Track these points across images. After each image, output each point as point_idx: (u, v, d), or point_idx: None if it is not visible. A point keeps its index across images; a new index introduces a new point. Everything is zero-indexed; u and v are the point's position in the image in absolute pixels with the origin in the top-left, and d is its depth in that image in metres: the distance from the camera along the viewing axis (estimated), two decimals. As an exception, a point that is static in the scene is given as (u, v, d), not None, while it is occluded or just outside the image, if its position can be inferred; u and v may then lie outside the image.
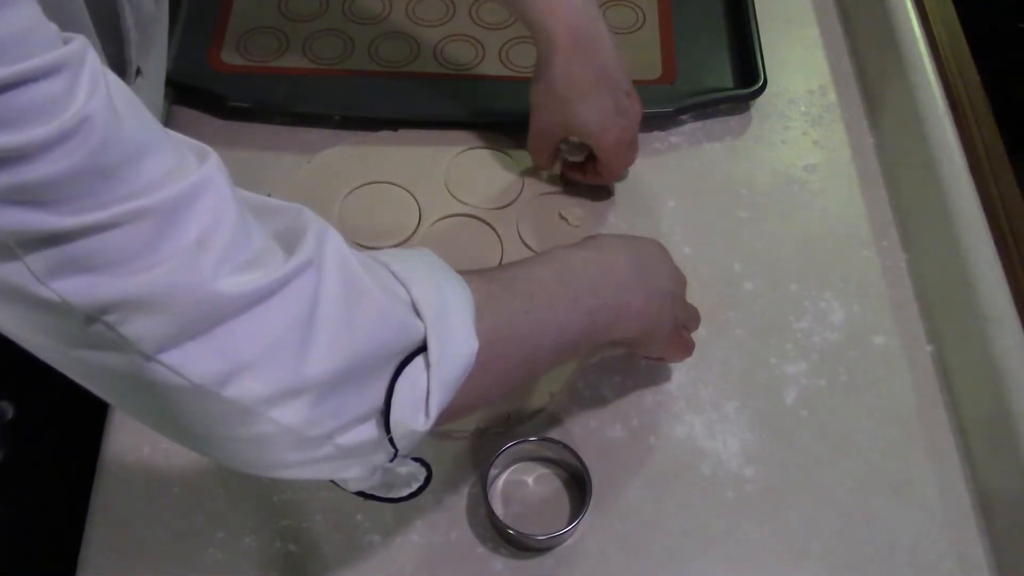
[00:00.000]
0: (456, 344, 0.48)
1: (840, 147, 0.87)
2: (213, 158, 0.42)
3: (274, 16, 0.92)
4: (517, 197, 0.82)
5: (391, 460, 0.48)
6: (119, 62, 0.54)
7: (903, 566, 0.66)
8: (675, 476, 0.69)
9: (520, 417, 0.71)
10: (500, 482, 0.68)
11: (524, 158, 0.84)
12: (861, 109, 0.90)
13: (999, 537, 0.67)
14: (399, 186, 0.82)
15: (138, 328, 0.38)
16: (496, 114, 0.86)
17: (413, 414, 0.46)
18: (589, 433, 0.70)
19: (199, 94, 0.86)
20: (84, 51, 0.37)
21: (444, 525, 0.67)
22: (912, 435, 0.72)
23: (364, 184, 0.82)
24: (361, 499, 0.67)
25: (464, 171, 0.83)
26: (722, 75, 0.89)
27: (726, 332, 0.76)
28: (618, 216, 0.82)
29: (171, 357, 0.39)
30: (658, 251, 0.67)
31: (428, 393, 0.46)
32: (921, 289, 0.78)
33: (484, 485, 0.66)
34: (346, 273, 0.44)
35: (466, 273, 0.52)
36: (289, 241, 0.43)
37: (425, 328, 0.46)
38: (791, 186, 0.84)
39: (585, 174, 0.81)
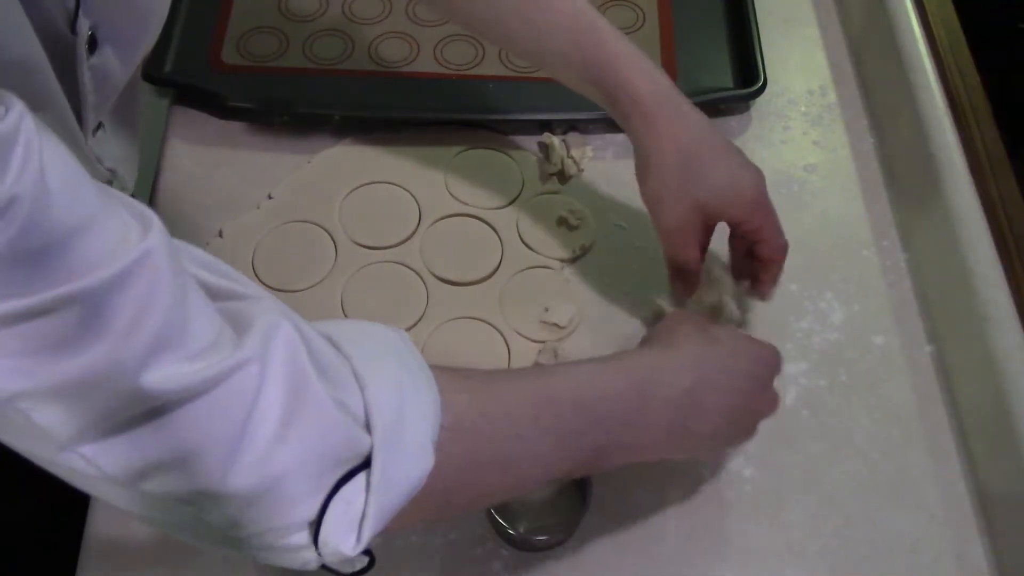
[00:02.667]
0: (404, 464, 0.43)
1: (840, 147, 0.87)
2: (155, 229, 0.38)
3: (274, 16, 0.92)
4: (517, 197, 0.82)
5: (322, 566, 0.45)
6: (76, 120, 0.53)
7: (903, 566, 0.66)
8: (675, 476, 0.69)
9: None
10: (500, 482, 0.68)
11: (524, 158, 0.84)
12: (861, 109, 0.90)
13: (999, 537, 0.67)
14: (399, 186, 0.82)
15: (50, 418, 0.36)
16: (496, 114, 0.85)
17: (344, 536, 0.42)
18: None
19: (199, 94, 0.86)
20: (18, 123, 0.34)
21: (444, 525, 0.66)
22: (912, 435, 0.72)
23: (364, 184, 0.82)
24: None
25: (464, 171, 0.83)
26: (722, 75, 0.89)
27: (726, 332, 0.76)
28: (618, 216, 0.82)
29: (85, 449, 0.37)
30: (728, 381, 0.57)
31: (363, 516, 0.42)
32: (921, 289, 0.78)
33: (484, 485, 0.65)
34: (294, 375, 0.40)
35: (460, 376, 0.48)
36: (238, 329, 0.40)
37: (372, 445, 0.42)
38: (791, 186, 0.84)
39: (753, 281, 0.71)
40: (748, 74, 0.88)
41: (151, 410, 0.37)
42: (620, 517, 0.67)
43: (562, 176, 0.83)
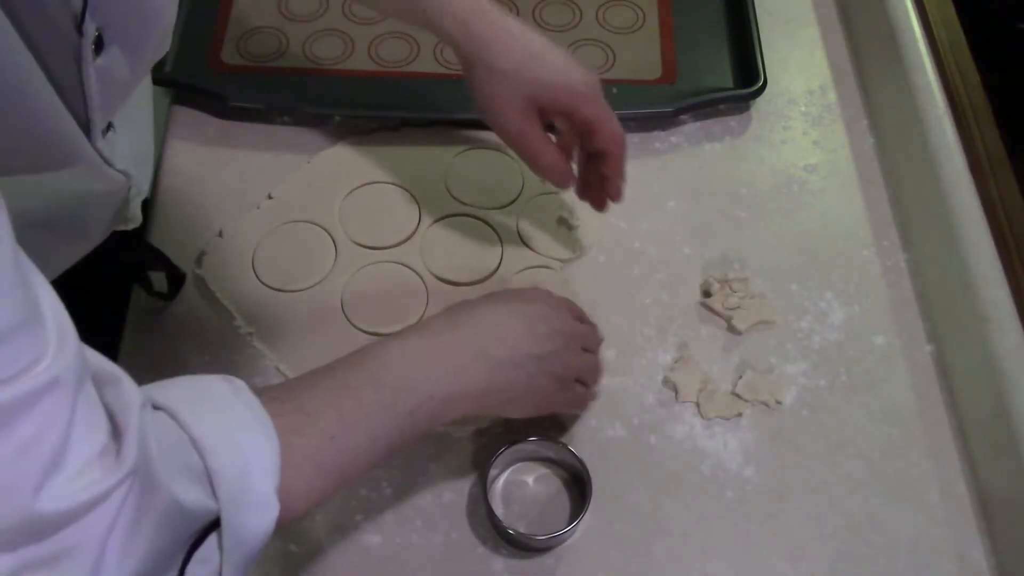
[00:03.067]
0: (255, 518, 0.46)
1: (840, 147, 0.87)
2: (70, 346, 0.39)
3: (274, 16, 0.92)
4: (517, 197, 0.82)
5: None
6: (83, 119, 0.53)
7: (903, 566, 0.66)
8: (675, 476, 0.69)
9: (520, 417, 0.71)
10: (500, 482, 0.68)
11: (524, 158, 0.84)
12: (861, 109, 0.90)
13: (999, 537, 0.67)
14: (399, 186, 0.82)
15: None
16: (496, 114, 0.85)
17: None
18: (589, 433, 0.70)
19: (199, 94, 0.86)
20: None
21: (444, 525, 0.67)
22: (912, 435, 0.72)
23: (364, 184, 0.82)
24: (360, 499, 0.67)
25: (464, 171, 0.83)
26: (722, 75, 0.89)
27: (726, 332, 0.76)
28: (618, 216, 0.82)
29: None
30: (509, 313, 0.62)
31: (220, 572, 0.45)
32: (921, 289, 0.78)
33: (484, 485, 0.66)
34: (147, 472, 0.41)
35: (270, 399, 0.50)
36: (115, 422, 0.42)
37: (219, 508, 0.44)
38: (791, 186, 0.84)
39: (589, 180, 0.74)
40: (748, 74, 0.88)
41: (40, 532, 0.38)
42: (620, 517, 0.67)
43: (562, 176, 0.83)
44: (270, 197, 0.81)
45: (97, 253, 0.65)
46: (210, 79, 0.86)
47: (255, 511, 0.46)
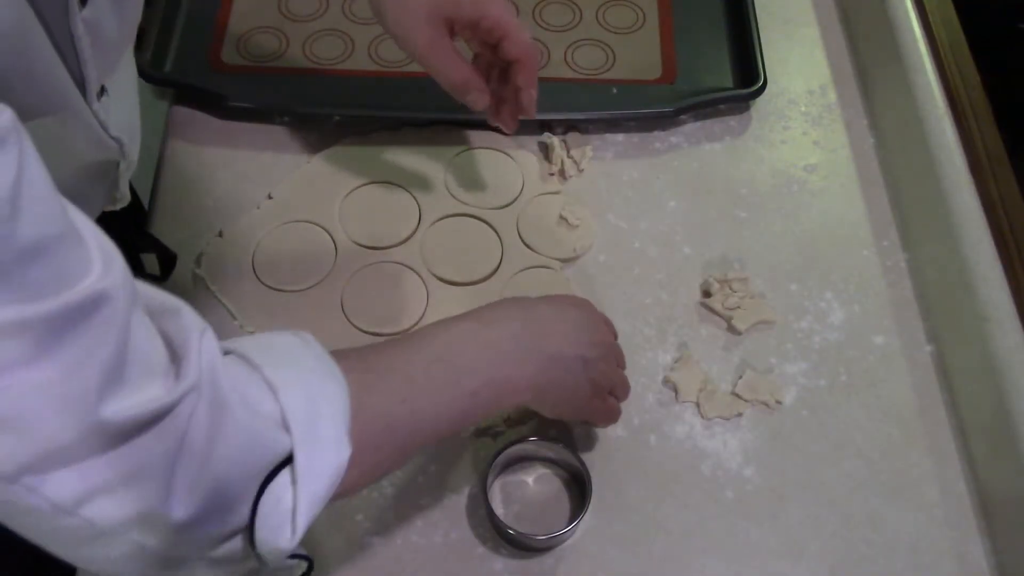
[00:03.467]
0: (326, 456, 0.46)
1: (840, 147, 0.87)
2: (117, 267, 0.38)
3: (274, 16, 0.92)
4: (517, 197, 0.82)
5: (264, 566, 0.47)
6: (77, 75, 0.53)
7: (903, 566, 0.66)
8: (675, 476, 0.69)
9: (520, 417, 0.71)
10: (500, 482, 0.68)
11: (524, 158, 0.84)
12: (861, 109, 0.90)
13: (999, 537, 0.67)
14: (399, 186, 0.82)
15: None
16: (496, 114, 0.85)
17: (279, 531, 0.45)
18: (589, 433, 0.70)
19: (199, 94, 0.86)
20: (5, 136, 0.34)
21: (444, 525, 0.67)
22: (912, 435, 0.72)
23: (364, 184, 0.82)
24: (360, 499, 0.67)
25: (464, 171, 0.83)
26: (722, 75, 0.89)
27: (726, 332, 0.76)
28: (618, 216, 0.82)
29: (31, 480, 0.37)
30: (559, 314, 0.63)
31: (295, 510, 0.45)
32: (921, 289, 0.78)
33: (484, 485, 0.66)
34: (215, 394, 0.41)
35: (341, 357, 0.50)
36: (174, 348, 0.42)
37: (292, 443, 0.44)
38: (791, 186, 0.84)
39: (503, 97, 0.74)
40: (748, 74, 0.88)
41: (106, 444, 0.38)
42: (620, 517, 0.67)
43: (562, 176, 0.84)
44: (270, 197, 0.81)
45: None
46: (210, 79, 0.86)
47: (327, 449, 0.46)
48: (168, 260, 0.76)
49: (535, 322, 0.61)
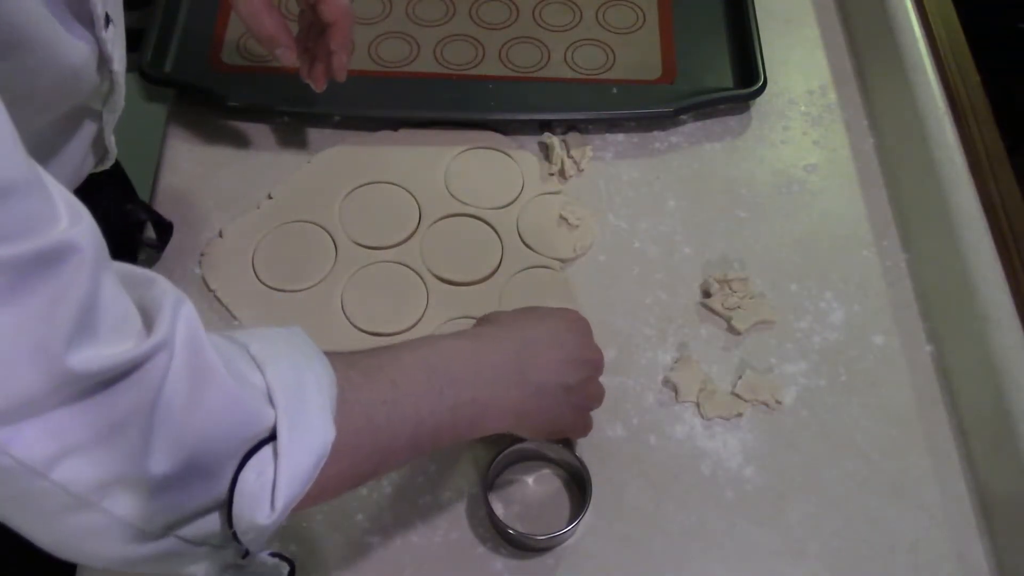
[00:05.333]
0: (311, 433, 0.45)
1: (840, 147, 0.87)
2: (86, 222, 0.38)
3: (274, 16, 0.91)
4: (517, 197, 0.82)
5: (243, 557, 0.46)
6: (82, 9, 0.53)
7: (903, 566, 0.66)
8: (675, 476, 0.69)
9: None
10: (500, 482, 0.68)
11: (524, 158, 0.84)
12: (861, 109, 0.90)
13: (999, 537, 0.67)
14: (399, 186, 0.82)
15: None
16: (496, 114, 0.85)
17: (257, 507, 0.43)
18: (589, 433, 0.70)
19: (199, 94, 0.86)
20: None
21: (444, 525, 0.67)
22: (912, 435, 0.72)
23: (364, 184, 0.82)
24: (360, 499, 0.67)
25: (464, 171, 0.83)
26: (722, 75, 0.89)
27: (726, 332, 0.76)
28: (618, 216, 0.82)
29: (1, 434, 0.36)
30: (554, 339, 0.62)
31: (275, 485, 0.44)
32: (921, 289, 0.78)
33: (484, 485, 0.66)
34: (196, 355, 0.41)
35: (328, 355, 0.50)
36: (147, 313, 0.41)
37: (276, 416, 0.44)
38: (791, 186, 0.84)
39: (316, 56, 0.76)
40: (748, 74, 0.88)
41: (74, 394, 0.37)
42: (620, 517, 0.67)
43: (562, 176, 0.84)
44: (270, 197, 0.81)
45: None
46: (210, 79, 0.86)
47: (311, 428, 0.45)
48: (164, 228, 0.76)
49: (529, 346, 0.61)
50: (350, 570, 0.65)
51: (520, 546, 0.65)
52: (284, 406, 0.44)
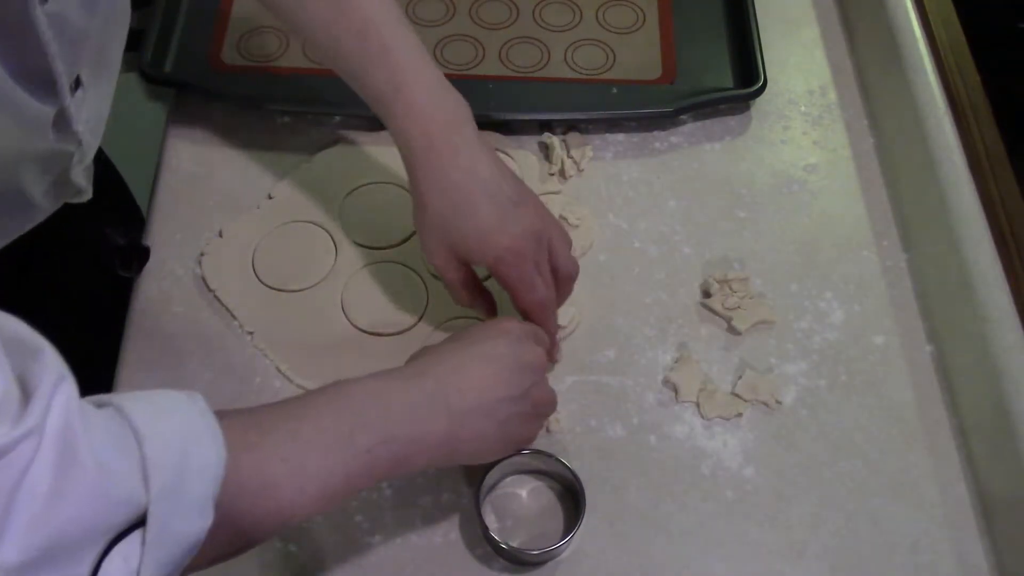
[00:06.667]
0: (185, 521, 0.43)
1: (840, 147, 0.87)
2: None
3: (274, 16, 0.91)
4: (517, 197, 0.82)
5: None
6: (43, 74, 0.52)
7: (903, 566, 0.66)
8: (675, 476, 0.69)
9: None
10: (493, 496, 0.68)
11: (524, 158, 0.84)
12: (861, 109, 0.90)
13: (999, 537, 0.67)
14: (399, 186, 0.82)
15: None
16: (496, 114, 0.85)
17: None
18: (589, 432, 0.70)
19: (199, 94, 0.86)
20: None
21: (444, 526, 0.67)
22: (912, 435, 0.72)
23: (364, 184, 0.82)
24: (360, 499, 0.67)
25: (464, 171, 0.83)
26: (722, 75, 0.89)
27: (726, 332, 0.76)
28: (618, 216, 0.82)
29: None
30: (484, 355, 0.60)
31: (139, 574, 0.42)
32: (921, 289, 0.78)
33: (477, 500, 0.65)
34: (65, 443, 0.39)
35: (229, 415, 0.48)
36: (25, 388, 0.39)
37: (148, 501, 0.42)
38: (791, 186, 0.84)
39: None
40: (748, 74, 0.88)
41: None
42: (620, 517, 0.67)
43: (562, 176, 0.84)
44: (270, 197, 0.81)
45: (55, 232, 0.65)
46: (210, 79, 0.86)
47: (186, 513, 0.43)
48: (141, 253, 0.75)
49: (452, 374, 0.59)
50: (350, 570, 0.65)
51: (514, 560, 0.65)
52: (158, 489, 0.42)
